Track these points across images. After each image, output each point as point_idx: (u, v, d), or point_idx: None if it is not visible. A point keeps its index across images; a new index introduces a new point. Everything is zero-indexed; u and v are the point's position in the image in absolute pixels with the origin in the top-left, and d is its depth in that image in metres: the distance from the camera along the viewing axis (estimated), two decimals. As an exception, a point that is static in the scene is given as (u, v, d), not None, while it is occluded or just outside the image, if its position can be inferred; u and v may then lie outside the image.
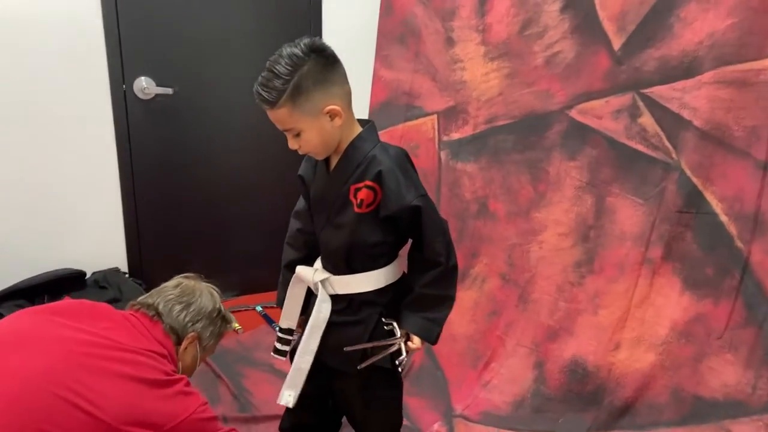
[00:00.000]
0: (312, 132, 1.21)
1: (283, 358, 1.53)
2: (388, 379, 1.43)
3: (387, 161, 1.24)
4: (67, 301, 1.31)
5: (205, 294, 1.48)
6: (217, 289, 1.55)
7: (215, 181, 2.79)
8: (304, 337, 1.36)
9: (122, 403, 1.09)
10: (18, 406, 1.01)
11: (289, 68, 1.15)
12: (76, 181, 2.51)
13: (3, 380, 1.04)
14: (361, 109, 2.65)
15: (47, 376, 1.06)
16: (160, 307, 1.37)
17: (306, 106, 1.17)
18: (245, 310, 2.76)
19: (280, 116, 1.19)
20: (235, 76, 2.71)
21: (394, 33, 2.51)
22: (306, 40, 1.17)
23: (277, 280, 1.53)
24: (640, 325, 1.75)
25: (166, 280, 2.68)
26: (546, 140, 2.01)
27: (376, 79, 2.59)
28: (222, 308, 1.52)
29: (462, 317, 2.23)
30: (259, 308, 2.73)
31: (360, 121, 1.32)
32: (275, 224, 3.06)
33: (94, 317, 1.24)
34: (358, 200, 1.25)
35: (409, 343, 1.34)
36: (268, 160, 2.85)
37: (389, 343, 1.33)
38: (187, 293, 1.44)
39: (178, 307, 1.39)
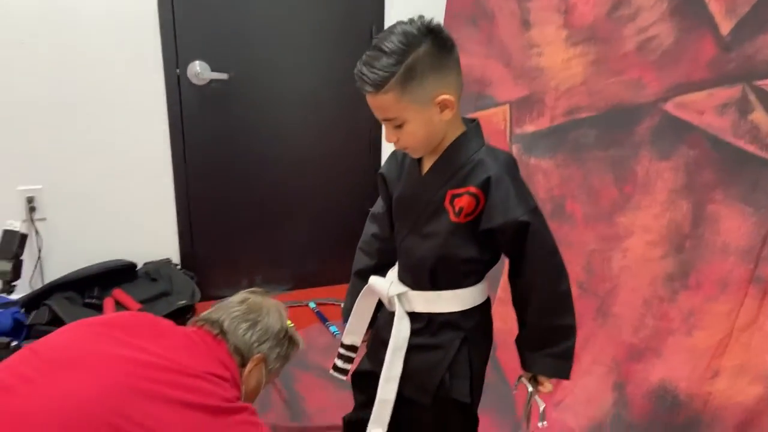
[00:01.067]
0: (418, 123, 1.05)
1: (344, 378, 1.41)
2: (465, 415, 1.27)
3: (496, 167, 1.08)
4: (127, 314, 1.22)
5: (273, 312, 1.40)
6: (284, 307, 1.47)
7: (269, 170, 2.67)
8: (386, 363, 1.21)
9: None
10: (71, 430, 0.91)
11: (403, 47, 0.98)
12: (128, 170, 2.44)
13: (57, 400, 0.95)
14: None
15: (104, 400, 0.96)
16: (225, 324, 1.29)
17: (417, 93, 1.01)
18: (297, 306, 2.64)
19: (384, 102, 1.03)
20: (292, 62, 2.58)
21: (465, 14, 2.32)
22: (422, 19, 1.01)
23: (330, 275, 1.41)
24: (745, 351, 1.52)
25: (217, 272, 2.60)
26: (634, 136, 1.78)
27: (442, 64, 2.41)
28: (289, 328, 1.44)
29: (531, 327, 2.05)
30: (312, 305, 2.61)
31: (463, 119, 1.15)
32: (330, 216, 2.97)
33: (154, 334, 1.15)
34: (457, 208, 1.10)
35: (541, 387, 1.20)
36: (323, 149, 2.71)
37: (529, 404, 1.21)
38: (254, 310, 1.36)
39: (244, 326, 1.31)
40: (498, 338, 2.10)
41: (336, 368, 1.40)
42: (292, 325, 1.45)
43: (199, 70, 2.41)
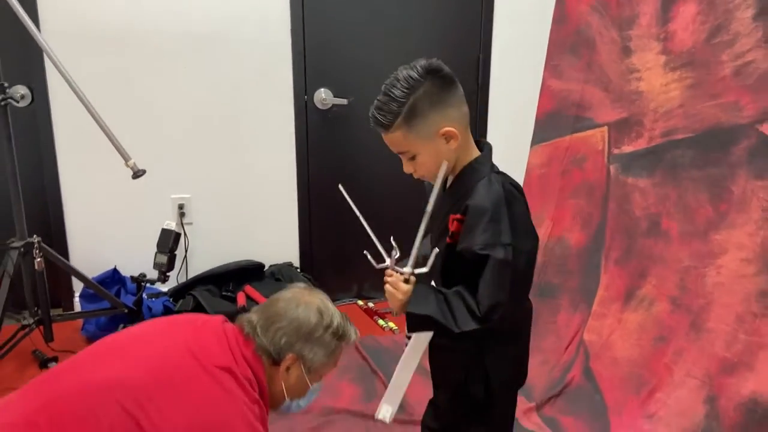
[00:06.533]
0: (427, 155, 1.19)
1: None
2: (485, 410, 1.34)
3: (480, 197, 1.16)
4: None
5: (312, 309, 1.31)
6: (329, 302, 1.38)
7: (381, 186, 2.93)
8: (404, 355, 1.31)
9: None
10: (77, 406, 1.06)
11: (405, 90, 1.14)
12: (260, 184, 2.80)
13: (77, 385, 1.10)
14: (527, 119, 2.64)
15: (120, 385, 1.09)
16: (257, 322, 1.28)
17: (421, 129, 1.16)
18: (403, 311, 2.86)
19: (394, 139, 1.19)
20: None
21: (566, 42, 2.46)
22: (422, 62, 1.16)
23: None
24: (837, 367, 1.55)
25: (331, 277, 2.82)
26: (731, 156, 1.85)
27: (544, 88, 2.56)
28: (334, 323, 1.33)
29: (625, 340, 2.12)
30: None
31: (477, 142, 1.27)
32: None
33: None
34: (451, 231, 1.21)
35: (403, 283, 1.19)
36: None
37: (397, 264, 1.22)
38: (291, 307, 1.31)
39: (275, 326, 1.28)
40: (592, 350, 2.21)
41: None
42: (338, 319, 1.34)
43: (324, 96, 2.73)
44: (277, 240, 2.88)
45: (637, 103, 2.16)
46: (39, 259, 2.15)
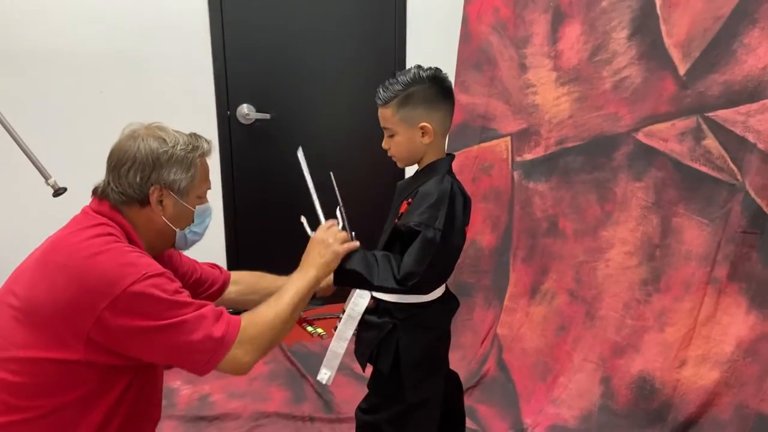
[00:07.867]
0: (403, 138, 1.40)
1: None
2: (389, 387, 1.46)
3: (430, 187, 1.37)
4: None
5: (151, 139, 1.29)
6: (168, 127, 1.39)
7: (302, 196, 3.03)
8: (339, 325, 1.50)
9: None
10: None
11: (410, 81, 1.35)
12: (185, 197, 2.83)
13: None
14: (440, 131, 2.81)
15: None
16: (110, 177, 1.26)
17: (407, 115, 1.37)
18: (330, 318, 2.97)
19: (385, 114, 1.40)
20: (323, 105, 2.96)
21: (472, 60, 2.66)
22: (433, 69, 1.38)
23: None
24: (706, 342, 1.77)
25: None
26: (613, 161, 2.07)
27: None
28: (180, 140, 1.34)
29: (532, 332, 2.31)
30: (341, 315, 2.92)
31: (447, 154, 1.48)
32: (359, 240, 3.29)
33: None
34: (400, 213, 1.41)
35: (339, 229, 1.45)
36: (350, 180, 3.06)
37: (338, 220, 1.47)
38: (131, 146, 1.27)
39: (124, 168, 1.25)
40: (504, 343, 2.39)
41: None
42: (183, 137, 1.36)
43: (246, 112, 2.82)
44: (203, 248, 2.90)
45: (534, 115, 2.37)
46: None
